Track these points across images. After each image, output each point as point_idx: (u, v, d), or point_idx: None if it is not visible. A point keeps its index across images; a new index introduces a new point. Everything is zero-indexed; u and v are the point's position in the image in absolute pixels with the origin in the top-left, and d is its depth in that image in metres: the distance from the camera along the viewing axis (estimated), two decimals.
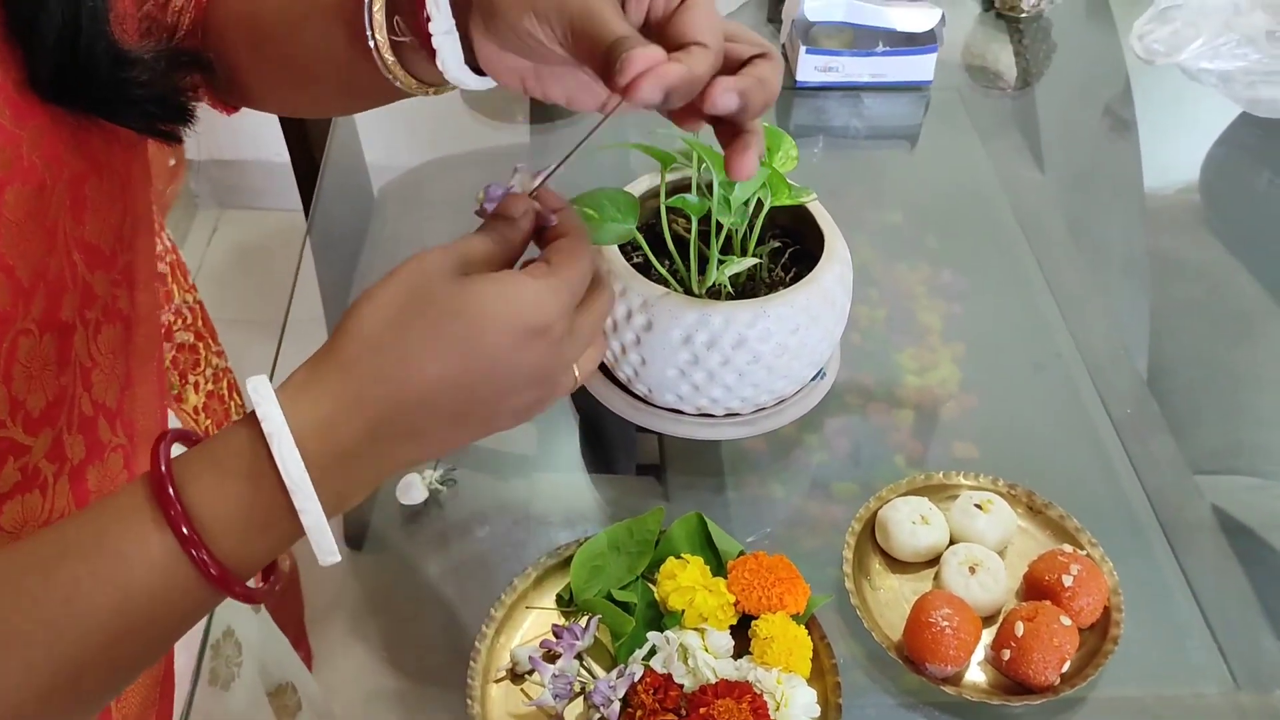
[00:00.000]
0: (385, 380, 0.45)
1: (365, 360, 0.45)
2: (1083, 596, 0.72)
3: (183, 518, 0.43)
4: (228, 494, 0.44)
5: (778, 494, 0.89)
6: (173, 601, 0.44)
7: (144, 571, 0.43)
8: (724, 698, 0.66)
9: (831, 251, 0.81)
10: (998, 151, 1.26)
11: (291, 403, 0.44)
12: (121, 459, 0.58)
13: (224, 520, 0.44)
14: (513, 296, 0.46)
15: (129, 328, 0.58)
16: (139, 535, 0.43)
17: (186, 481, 0.44)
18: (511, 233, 0.51)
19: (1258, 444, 1.11)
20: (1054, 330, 1.05)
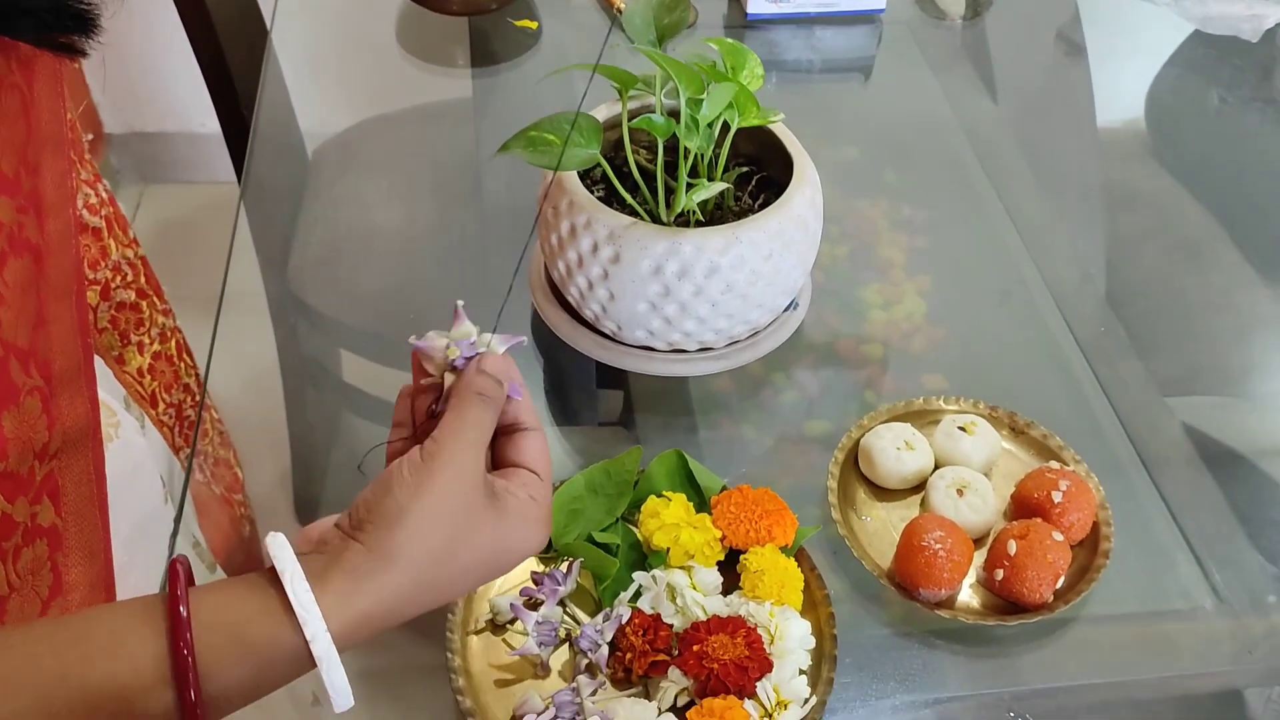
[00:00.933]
0: (424, 599, 0.49)
1: (409, 588, 0.48)
2: (1073, 512, 0.71)
3: (198, 702, 0.43)
4: (244, 678, 0.45)
5: (749, 434, 0.87)
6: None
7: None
8: (717, 634, 0.64)
9: (801, 174, 0.79)
10: (951, 83, 1.24)
11: (333, 613, 0.46)
12: (39, 402, 0.54)
13: (231, 696, 0.45)
14: (528, 532, 0.52)
15: (39, 259, 0.54)
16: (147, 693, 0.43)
17: (209, 659, 0.44)
18: (499, 395, 0.53)
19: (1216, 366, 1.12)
20: (1017, 258, 1.04)
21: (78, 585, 0.61)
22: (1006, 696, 0.68)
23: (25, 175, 0.52)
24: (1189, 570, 0.78)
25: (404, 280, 1.01)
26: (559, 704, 0.63)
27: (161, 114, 2.11)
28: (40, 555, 0.59)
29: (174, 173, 2.16)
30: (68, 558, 0.61)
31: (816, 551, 0.73)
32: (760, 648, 0.64)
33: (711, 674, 0.62)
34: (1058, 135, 1.26)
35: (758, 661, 0.63)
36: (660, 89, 0.75)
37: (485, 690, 0.65)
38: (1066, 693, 0.69)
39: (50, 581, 0.59)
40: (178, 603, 0.44)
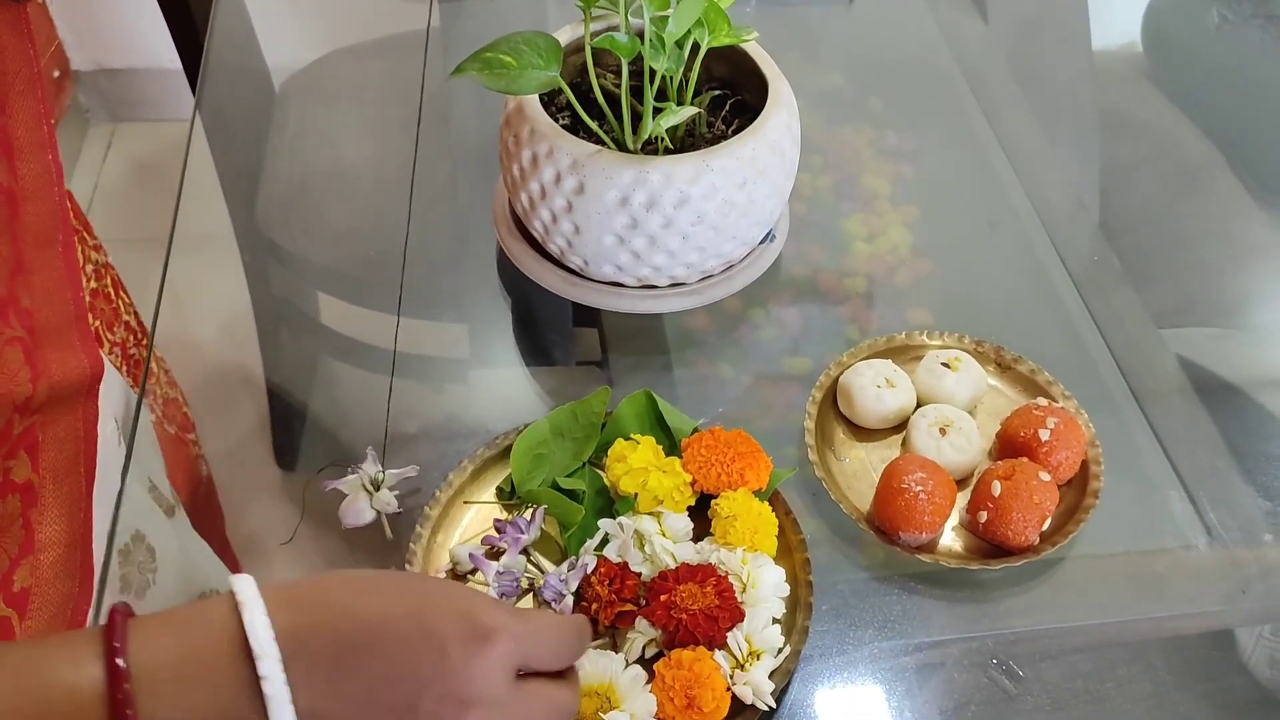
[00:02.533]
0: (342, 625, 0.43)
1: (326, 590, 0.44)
2: (1061, 450, 0.68)
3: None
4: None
5: (727, 373, 0.84)
6: None
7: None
8: (686, 582, 0.61)
9: (777, 97, 0.74)
10: (940, 4, 1.19)
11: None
12: (20, 353, 0.52)
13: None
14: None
15: (13, 203, 0.51)
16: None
17: (147, 693, 0.40)
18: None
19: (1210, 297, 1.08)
20: (1007, 187, 1.00)
21: (52, 544, 0.59)
22: (989, 641, 0.65)
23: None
24: (1182, 508, 0.75)
25: (376, 218, 0.97)
26: None
27: (128, 50, 2.04)
28: (12, 511, 0.56)
29: (144, 111, 2.10)
30: (43, 515, 0.59)
31: (793, 495, 0.70)
32: (731, 596, 0.61)
33: (680, 624, 0.59)
34: (1051, 58, 1.21)
35: (728, 611, 0.60)
36: (626, 7, 0.71)
37: None
38: (1052, 635, 0.66)
39: (21, 539, 0.57)
40: (114, 654, 0.40)
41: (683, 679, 0.58)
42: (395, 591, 0.44)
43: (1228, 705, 0.67)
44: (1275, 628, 0.73)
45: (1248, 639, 0.73)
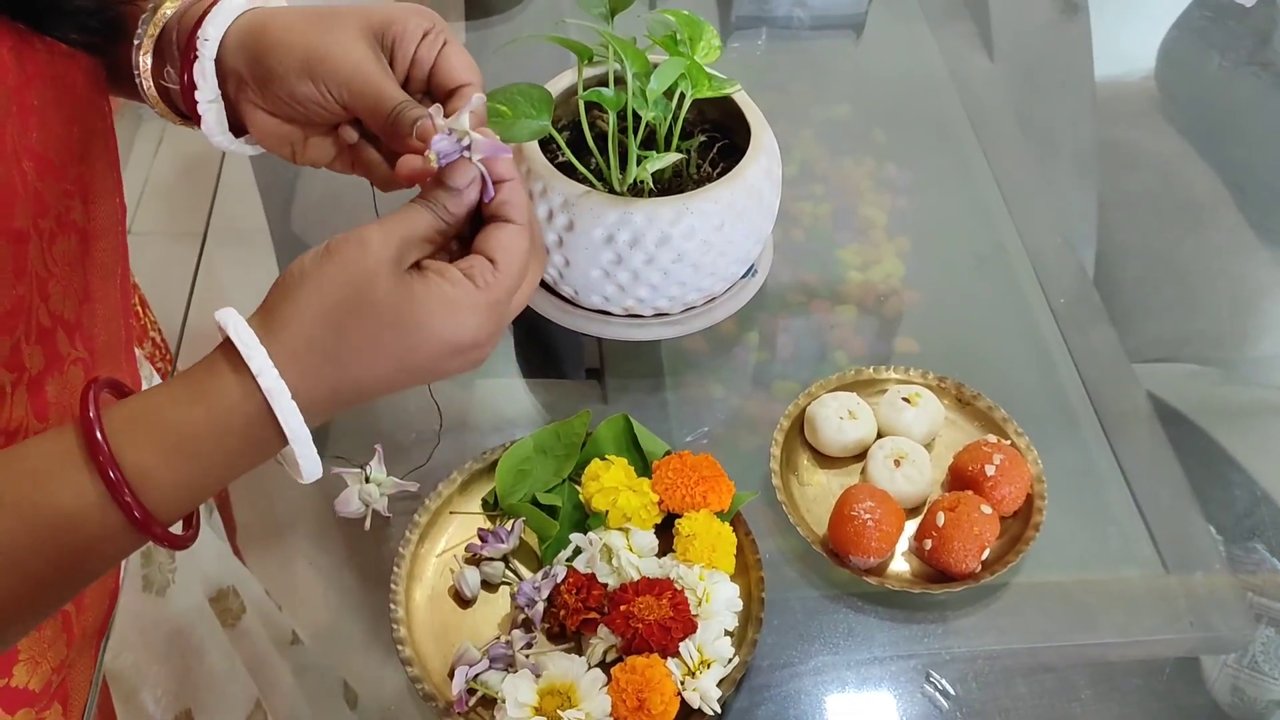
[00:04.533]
0: (321, 379, 0.47)
1: (303, 357, 0.46)
2: (1005, 485, 0.73)
3: (110, 462, 0.43)
4: (160, 438, 0.45)
5: (717, 393, 0.89)
6: (93, 543, 0.44)
7: (69, 513, 0.43)
8: (644, 594, 0.67)
9: (758, 144, 0.80)
10: (947, 39, 1.23)
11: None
12: (82, 372, 0.58)
13: (152, 467, 0.44)
14: (453, 314, 0.48)
15: (85, 240, 0.57)
16: (67, 477, 0.43)
17: (118, 429, 0.44)
18: (455, 205, 0.50)
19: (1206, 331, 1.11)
20: (998, 222, 1.04)
21: None
22: (927, 660, 0.70)
23: (70, 163, 0.54)
24: (1136, 539, 0.79)
25: None
26: (493, 655, 0.67)
27: None
28: None
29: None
30: None
31: (757, 516, 0.76)
32: (685, 609, 0.66)
33: (636, 633, 0.65)
34: (1054, 96, 1.24)
35: (681, 622, 0.66)
36: (613, 57, 0.76)
37: (425, 641, 0.69)
38: (987, 657, 0.71)
39: None
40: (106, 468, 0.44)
41: (635, 683, 0.63)
42: (384, 351, 0.48)
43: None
44: (1239, 656, 0.77)
45: (1212, 666, 0.77)
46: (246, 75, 0.53)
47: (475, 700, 0.66)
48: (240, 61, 0.53)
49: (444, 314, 0.47)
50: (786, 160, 1.07)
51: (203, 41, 0.53)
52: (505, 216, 0.51)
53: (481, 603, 0.71)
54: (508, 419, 0.86)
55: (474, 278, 0.48)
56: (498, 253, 0.50)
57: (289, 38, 0.52)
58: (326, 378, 0.47)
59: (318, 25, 0.52)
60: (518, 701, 0.63)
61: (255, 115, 0.55)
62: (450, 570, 0.72)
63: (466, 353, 0.49)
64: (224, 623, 0.77)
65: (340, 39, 0.52)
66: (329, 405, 0.47)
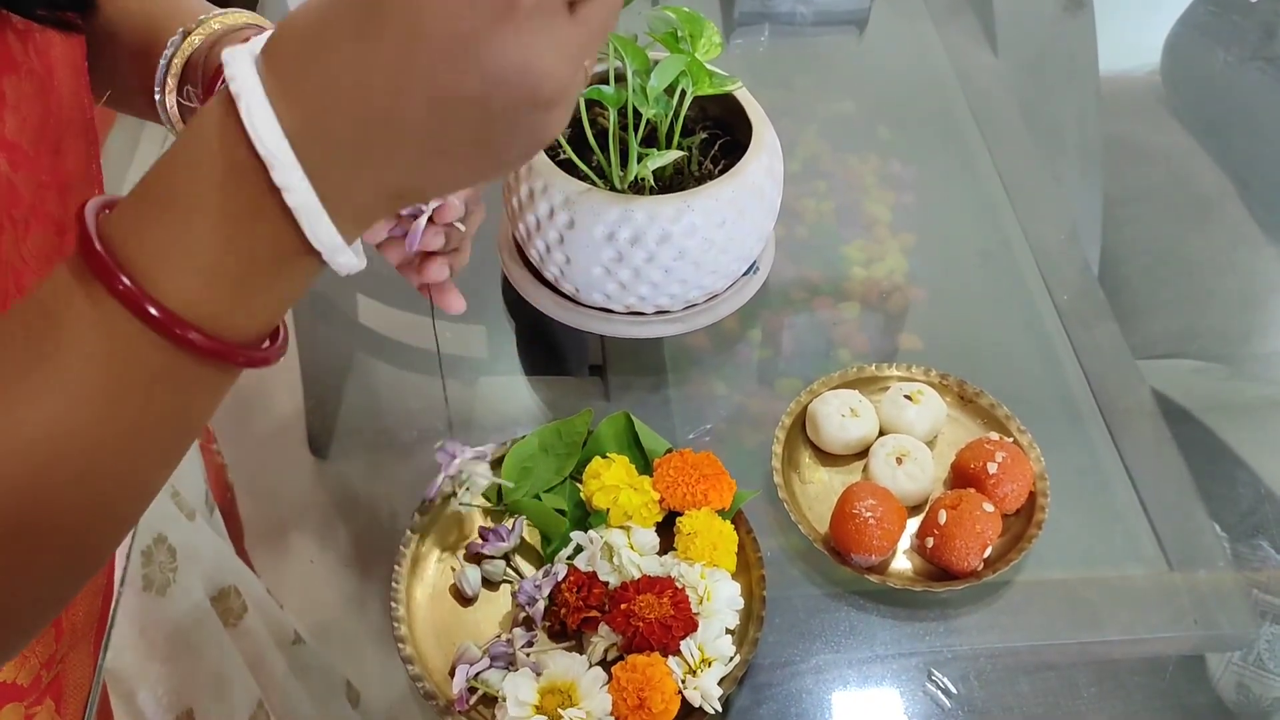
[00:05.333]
0: (307, 74, 0.36)
1: (286, 54, 0.36)
2: (1007, 483, 0.72)
3: (110, 265, 0.36)
4: (170, 224, 0.37)
5: (719, 391, 0.89)
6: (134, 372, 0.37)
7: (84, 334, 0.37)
8: (645, 593, 0.66)
9: (759, 142, 0.79)
10: (951, 34, 1.22)
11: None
12: None
13: (172, 259, 0.36)
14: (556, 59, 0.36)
15: (62, 233, 0.57)
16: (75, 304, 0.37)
17: (116, 229, 0.37)
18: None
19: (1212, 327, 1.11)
20: (1002, 218, 1.04)
21: None
22: (929, 658, 0.70)
23: (44, 153, 0.54)
24: (1140, 536, 0.79)
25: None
26: (494, 654, 0.67)
27: None
28: None
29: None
30: None
31: (759, 514, 0.75)
32: (686, 607, 0.66)
33: (637, 631, 0.65)
34: (1058, 91, 1.24)
35: (682, 621, 0.66)
36: (613, 55, 0.76)
37: (426, 639, 0.69)
38: (990, 655, 0.70)
39: None
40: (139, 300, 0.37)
41: (636, 681, 0.63)
42: (417, 70, 0.35)
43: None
44: (1244, 653, 0.77)
45: (1217, 663, 0.77)
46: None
47: (476, 699, 0.66)
48: None
49: (541, 51, 0.35)
50: (790, 157, 1.06)
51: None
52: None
53: (482, 601, 0.71)
54: (510, 417, 0.86)
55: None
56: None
57: None
58: (313, 75, 0.35)
59: None
60: (518, 700, 0.63)
61: None
62: (451, 568, 0.72)
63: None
64: (226, 622, 0.77)
65: None
66: (325, 130, 0.36)
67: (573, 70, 0.37)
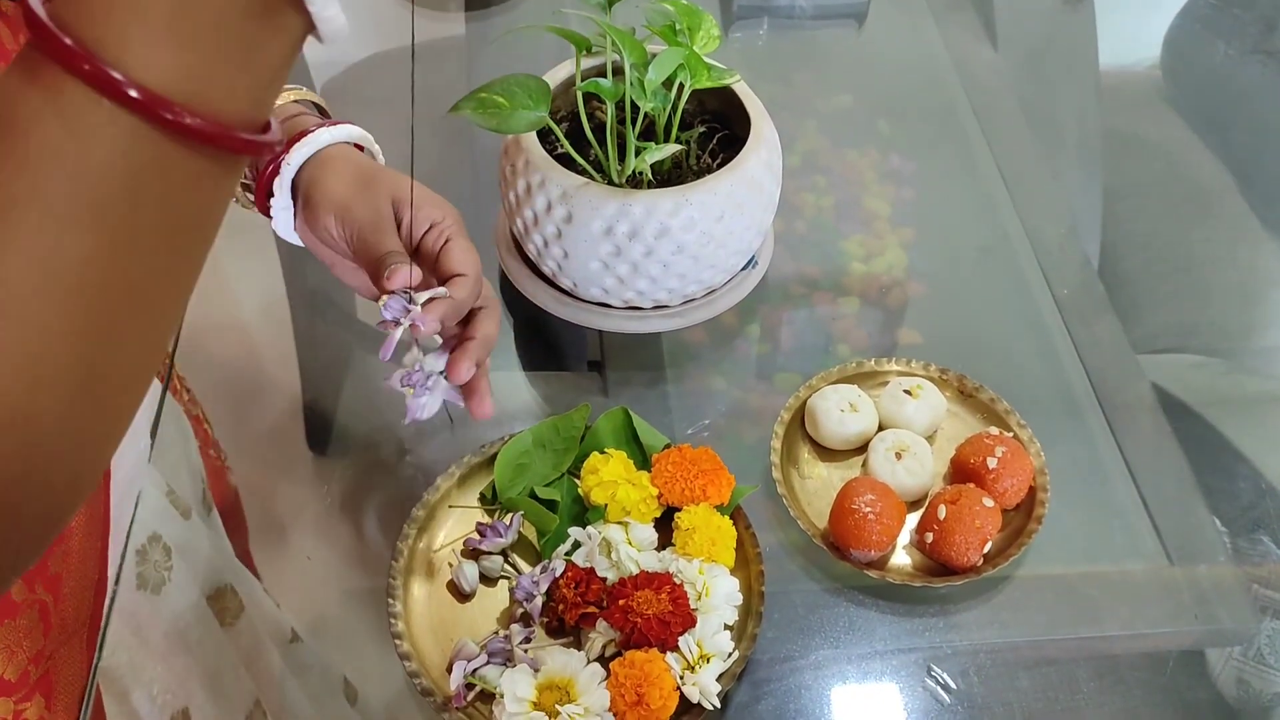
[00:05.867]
0: None
1: None
2: (1007, 478, 0.72)
3: (73, 48, 0.31)
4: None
5: (718, 386, 0.89)
6: (116, 171, 0.32)
7: (49, 137, 0.31)
8: (643, 588, 0.66)
9: (758, 135, 0.79)
10: (950, 28, 1.22)
11: None
12: None
13: (138, 31, 0.31)
14: None
15: None
16: (31, 103, 0.32)
17: (66, 10, 0.32)
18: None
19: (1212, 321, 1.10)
20: (1002, 212, 1.03)
21: (74, 532, 0.65)
22: (929, 654, 0.70)
23: None
24: (1140, 531, 0.78)
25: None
26: (491, 650, 0.66)
27: None
28: None
29: None
30: None
31: (758, 510, 0.75)
32: (684, 603, 0.66)
33: (635, 627, 0.65)
34: (1058, 84, 1.23)
35: (680, 616, 0.65)
36: (611, 50, 0.76)
37: (423, 636, 0.68)
38: (989, 651, 0.70)
39: None
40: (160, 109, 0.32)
41: (634, 678, 0.63)
42: None
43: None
44: (1244, 648, 0.77)
45: (1217, 658, 0.77)
46: (301, 207, 0.67)
47: (474, 695, 0.65)
48: (299, 191, 0.67)
49: None
50: (789, 151, 1.06)
51: (286, 165, 0.66)
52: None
53: (480, 597, 0.71)
54: (507, 412, 0.86)
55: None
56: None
57: (334, 184, 0.65)
58: None
59: (356, 185, 0.66)
60: (516, 696, 0.63)
61: (300, 224, 0.68)
62: (448, 565, 0.72)
63: None
64: (222, 621, 0.77)
65: (370, 199, 0.65)
66: None
67: None
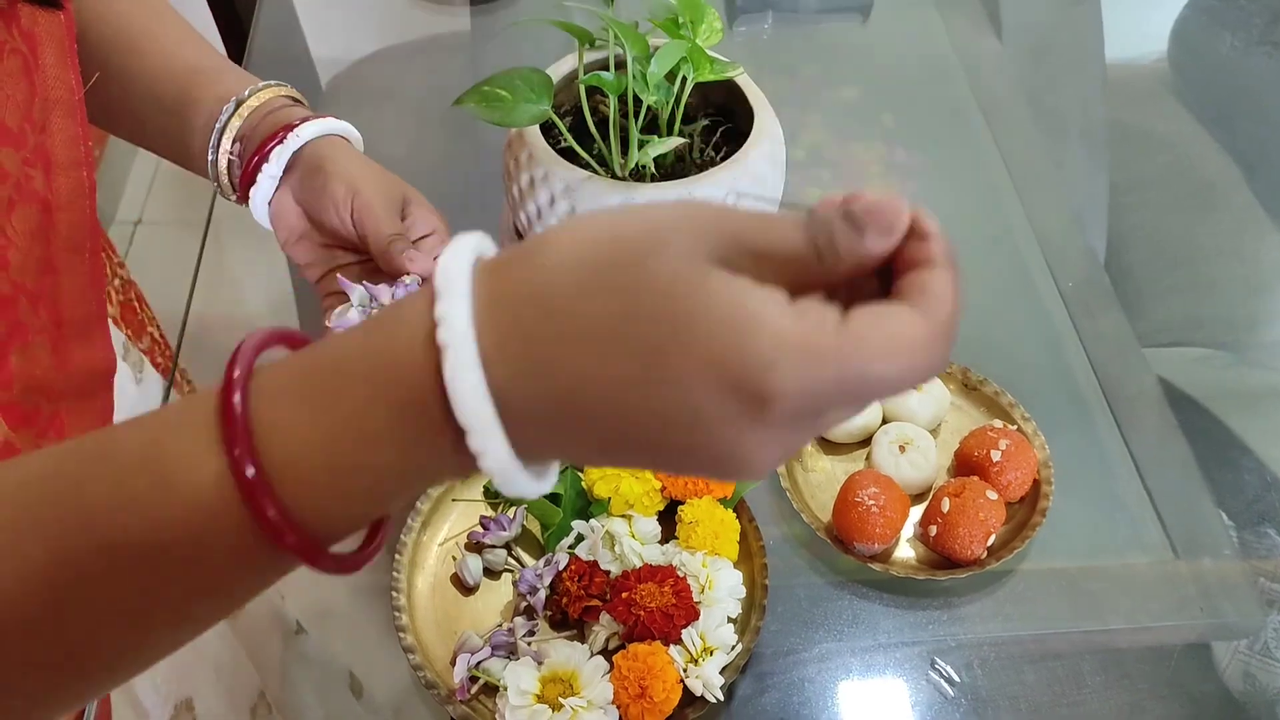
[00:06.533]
0: (529, 350, 0.32)
1: (511, 307, 0.32)
2: (1011, 471, 0.72)
3: (248, 453, 0.32)
4: (316, 416, 0.32)
5: None
6: (218, 554, 0.33)
7: (186, 505, 0.32)
8: (647, 582, 0.66)
9: (761, 128, 0.79)
10: (955, 21, 1.21)
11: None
12: (48, 343, 0.58)
13: (309, 463, 0.32)
14: (740, 327, 0.30)
15: (48, 212, 0.57)
16: (191, 457, 0.32)
17: (266, 402, 0.33)
18: (847, 245, 0.32)
19: (1217, 315, 1.10)
20: (1007, 206, 1.03)
21: None
22: (932, 647, 0.70)
23: (31, 131, 0.54)
24: (1145, 524, 0.78)
25: None
26: (495, 643, 0.66)
27: None
28: None
29: None
30: None
31: (761, 503, 0.75)
32: (688, 596, 0.66)
33: (638, 620, 0.65)
34: (1064, 76, 1.23)
35: (684, 610, 0.65)
36: (613, 40, 0.76)
37: (427, 629, 0.69)
38: (993, 643, 0.70)
39: None
40: (241, 464, 0.32)
41: (637, 670, 0.63)
42: (627, 339, 0.31)
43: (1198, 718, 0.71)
44: (1250, 642, 0.76)
45: (1223, 652, 0.77)
46: (299, 175, 0.67)
47: (477, 688, 0.66)
48: (299, 162, 0.67)
49: (733, 322, 0.30)
50: (794, 145, 1.06)
51: (294, 137, 0.66)
52: (912, 301, 0.32)
53: (484, 590, 0.71)
54: None
55: (804, 312, 0.31)
56: (869, 315, 0.31)
57: (347, 162, 0.67)
58: (537, 350, 0.31)
59: (370, 166, 0.68)
60: (520, 689, 0.63)
61: (284, 199, 0.68)
62: (452, 558, 0.72)
63: (743, 402, 0.30)
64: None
65: (385, 183, 0.67)
66: (526, 396, 0.31)
67: (777, 462, 0.33)
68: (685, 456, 0.32)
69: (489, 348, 0.31)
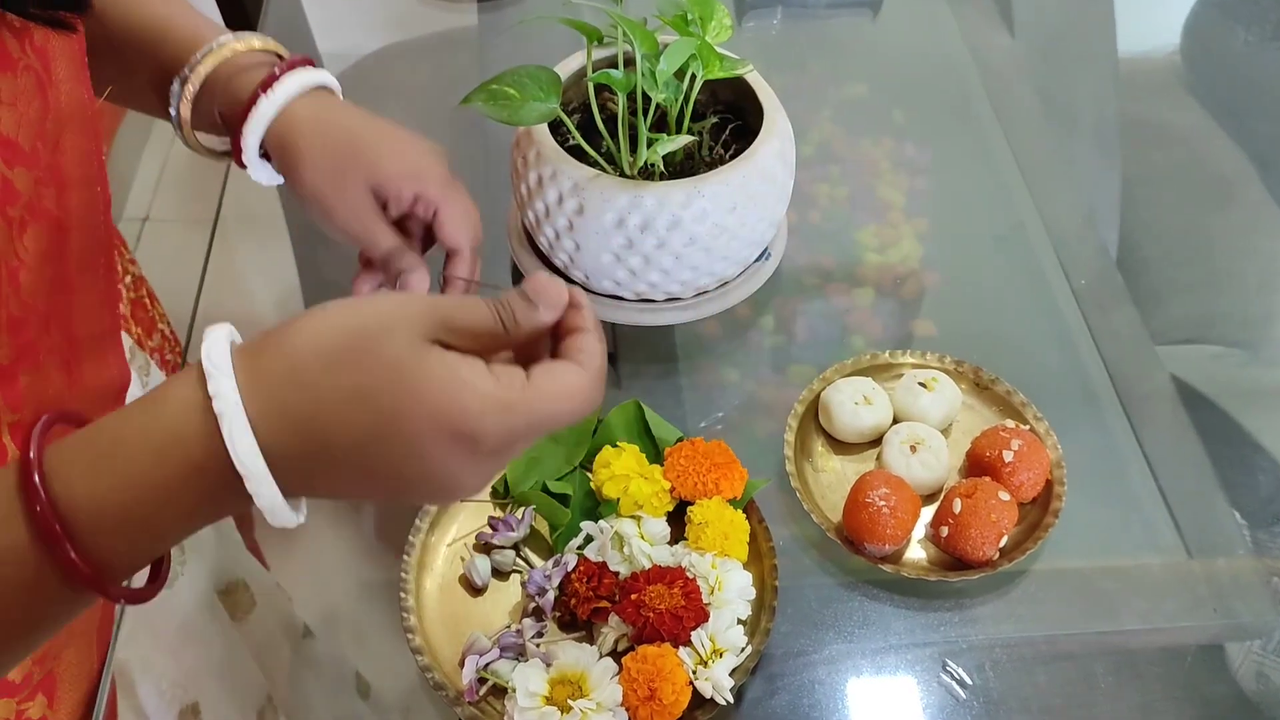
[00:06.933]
0: (287, 414, 0.41)
1: (275, 387, 0.41)
2: (1023, 471, 0.71)
3: (49, 511, 0.39)
4: (110, 481, 0.40)
5: (731, 378, 0.88)
6: (32, 598, 0.41)
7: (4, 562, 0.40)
8: (656, 583, 0.66)
9: (771, 126, 0.78)
10: (966, 15, 1.21)
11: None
12: (59, 361, 0.58)
13: (100, 513, 0.40)
14: (458, 392, 0.41)
15: (61, 230, 0.56)
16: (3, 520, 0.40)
17: (60, 466, 0.40)
18: (524, 317, 0.44)
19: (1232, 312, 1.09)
20: (1018, 202, 1.02)
21: None
22: (944, 649, 0.69)
23: (44, 150, 0.54)
24: (1159, 524, 0.77)
25: None
26: (503, 644, 0.66)
27: None
28: None
29: None
30: None
31: (771, 503, 0.75)
32: (697, 598, 0.66)
33: (647, 622, 0.65)
34: (1076, 71, 1.22)
35: (693, 611, 0.65)
36: (623, 40, 0.75)
37: (435, 630, 0.68)
38: (1005, 645, 0.70)
39: None
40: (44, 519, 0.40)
41: (646, 673, 0.63)
42: (366, 405, 0.41)
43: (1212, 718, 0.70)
44: (1264, 642, 0.76)
45: (1236, 653, 0.76)
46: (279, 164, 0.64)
47: (486, 689, 0.65)
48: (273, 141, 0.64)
49: (449, 388, 0.41)
50: (803, 142, 1.05)
51: (255, 115, 0.63)
52: (573, 358, 0.45)
53: (492, 591, 0.71)
54: None
55: (498, 375, 0.42)
56: (544, 372, 0.43)
57: (309, 174, 0.62)
58: (293, 414, 0.41)
59: (330, 177, 0.62)
60: (528, 691, 0.62)
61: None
62: (460, 559, 0.72)
63: (459, 445, 0.41)
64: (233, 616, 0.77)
65: (345, 195, 0.62)
66: (286, 453, 0.41)
67: (486, 483, 0.48)
68: (419, 485, 0.43)
69: (254, 415, 0.40)
